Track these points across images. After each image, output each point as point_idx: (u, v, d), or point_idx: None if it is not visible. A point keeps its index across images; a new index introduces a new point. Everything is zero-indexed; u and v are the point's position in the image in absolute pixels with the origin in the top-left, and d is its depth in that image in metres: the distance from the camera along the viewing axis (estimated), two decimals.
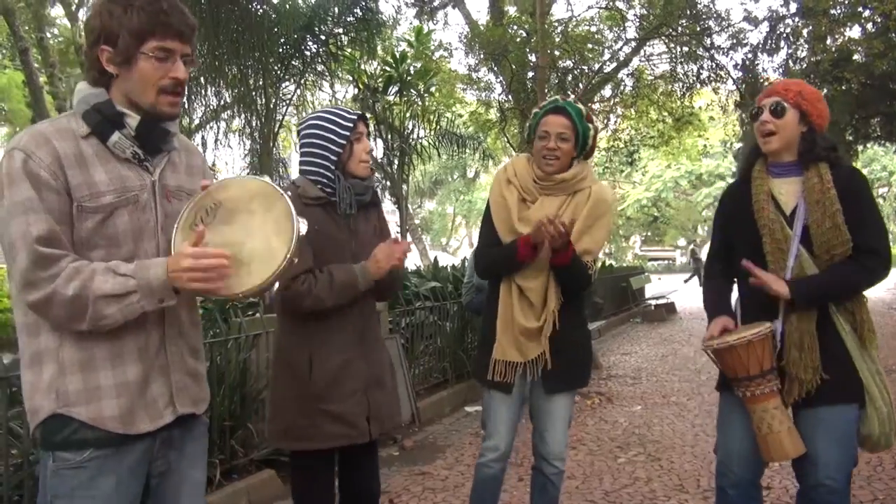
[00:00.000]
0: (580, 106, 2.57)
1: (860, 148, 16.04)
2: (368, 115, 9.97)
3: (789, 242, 2.13)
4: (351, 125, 2.28)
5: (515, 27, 14.13)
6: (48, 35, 14.92)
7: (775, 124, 2.16)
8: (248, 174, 8.47)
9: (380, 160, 10.78)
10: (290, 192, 2.41)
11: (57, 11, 17.08)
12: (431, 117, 10.71)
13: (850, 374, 2.11)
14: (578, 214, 2.49)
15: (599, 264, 16.19)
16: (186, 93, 8.06)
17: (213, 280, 1.44)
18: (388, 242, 2.31)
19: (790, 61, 12.89)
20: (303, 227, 1.52)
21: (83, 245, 1.49)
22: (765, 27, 12.84)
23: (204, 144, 9.21)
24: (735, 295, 2.39)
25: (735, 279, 2.37)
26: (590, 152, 2.62)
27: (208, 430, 3.80)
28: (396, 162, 10.13)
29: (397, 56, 11.19)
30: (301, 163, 2.36)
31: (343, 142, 2.27)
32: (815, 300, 2.11)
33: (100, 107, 1.51)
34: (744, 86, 12.84)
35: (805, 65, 12.48)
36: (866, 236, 2.10)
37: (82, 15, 15.25)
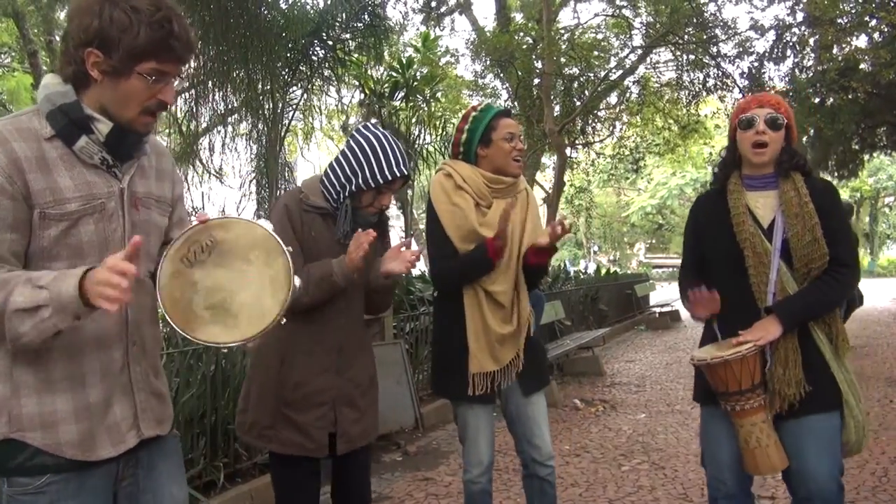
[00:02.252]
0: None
1: (866, 157, 16.00)
2: (374, 121, 10.00)
3: (769, 256, 2.16)
4: (390, 178, 2.23)
5: (522, 34, 14.17)
6: (57, 38, 15.00)
7: (770, 137, 2.18)
8: (252, 182, 8.51)
9: None
10: (288, 195, 2.41)
11: (66, 14, 17.17)
12: (437, 123, 10.71)
13: (831, 384, 2.15)
14: (524, 214, 2.60)
15: (604, 271, 16.19)
16: (194, 97, 8.07)
17: (114, 301, 1.24)
18: (357, 234, 2.21)
19: (796, 70, 12.89)
20: (297, 283, 1.48)
21: (43, 255, 1.38)
22: (771, 36, 12.85)
23: (211, 148, 9.23)
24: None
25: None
26: None
27: (212, 434, 3.81)
28: None
29: (404, 62, 11.22)
30: (334, 162, 2.31)
31: (372, 184, 2.23)
32: (802, 322, 2.15)
33: (66, 109, 1.39)
34: (750, 94, 12.82)
35: (811, 74, 12.48)
36: (840, 249, 2.15)
37: None
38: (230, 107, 8.69)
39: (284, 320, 1.47)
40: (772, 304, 2.15)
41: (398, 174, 2.24)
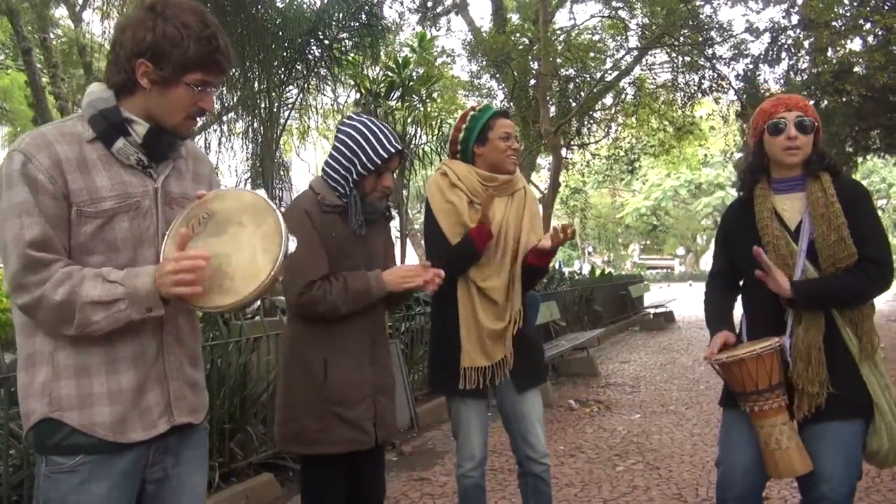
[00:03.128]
0: None
1: (860, 160, 16.08)
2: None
3: (795, 258, 2.13)
4: (387, 157, 2.26)
5: (518, 35, 14.20)
6: (51, 36, 14.95)
7: (802, 140, 2.15)
8: (247, 181, 8.49)
9: None
10: (297, 198, 2.44)
11: (60, 12, 17.12)
12: (433, 123, 10.72)
13: (858, 388, 2.10)
14: (521, 212, 2.64)
15: (598, 272, 16.23)
16: None
17: (193, 283, 1.41)
18: (417, 265, 2.35)
19: (791, 72, 12.95)
20: (292, 245, 1.49)
21: (81, 250, 1.48)
22: (766, 38, 12.90)
23: (207, 147, 9.21)
24: (739, 312, 2.38)
25: (740, 296, 2.36)
26: None
27: (208, 433, 3.81)
28: (397, 167, 10.15)
29: (400, 61, 11.20)
30: (329, 158, 2.34)
31: (371, 168, 2.25)
32: (815, 301, 2.10)
33: (106, 113, 1.51)
34: (745, 96, 12.89)
35: (806, 76, 12.54)
36: (870, 248, 2.10)
37: (86, 16, 15.30)
38: (226, 105, 8.68)
39: (282, 277, 1.49)
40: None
41: (393, 150, 2.28)
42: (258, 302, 1.58)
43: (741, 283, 2.36)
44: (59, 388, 1.47)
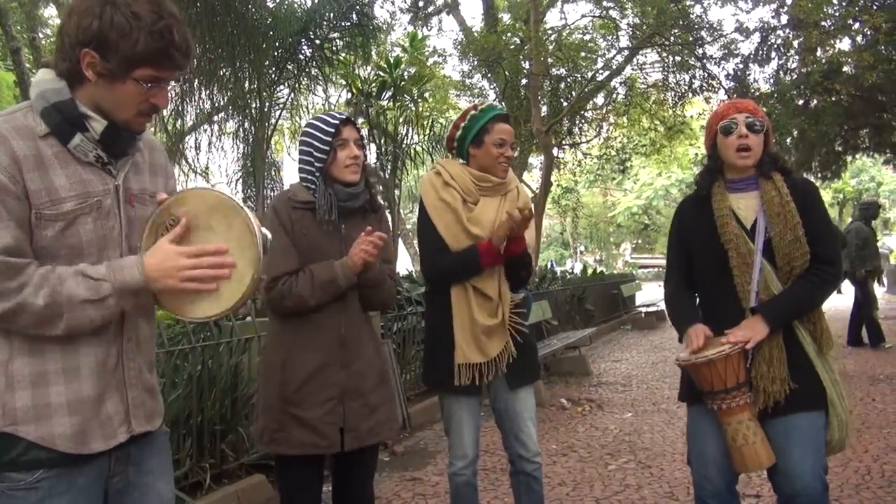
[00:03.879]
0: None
1: (849, 159, 16.20)
2: (361, 120, 9.97)
3: (753, 256, 2.19)
4: (333, 130, 2.28)
5: (509, 34, 14.20)
6: (40, 35, 14.85)
7: (752, 140, 2.22)
8: (238, 181, 8.47)
9: (373, 165, 10.79)
10: (278, 196, 2.43)
11: (49, 12, 17.01)
12: (425, 123, 10.72)
13: (815, 382, 2.17)
14: (513, 211, 2.62)
15: (590, 271, 16.27)
16: (180, 95, 7.99)
17: (209, 282, 1.38)
18: (361, 235, 2.24)
19: (781, 72, 13.04)
20: (267, 236, 1.47)
21: (43, 254, 1.38)
22: (756, 38, 12.99)
23: (197, 147, 9.18)
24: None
25: (696, 292, 2.40)
26: None
27: (198, 435, 3.78)
28: (389, 167, 10.14)
29: (391, 61, 11.19)
30: (298, 157, 2.39)
31: (326, 147, 2.28)
32: (787, 321, 2.18)
33: (60, 106, 1.38)
34: (735, 96, 12.94)
35: (795, 76, 12.62)
36: (822, 247, 2.18)
37: None
38: (216, 105, 8.64)
39: (264, 277, 1.47)
40: (757, 306, 2.17)
41: (337, 121, 2.31)
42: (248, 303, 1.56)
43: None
44: (13, 400, 1.37)
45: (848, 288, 9.20)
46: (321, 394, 2.24)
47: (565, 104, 14.00)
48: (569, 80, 14.07)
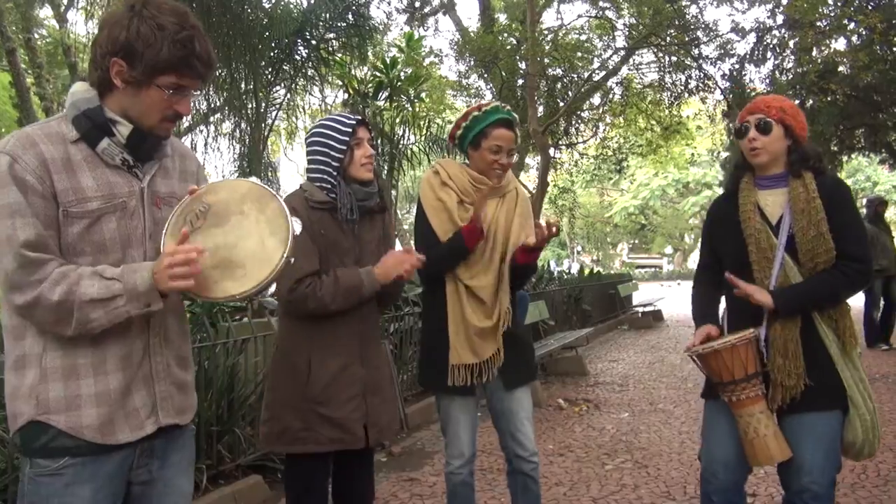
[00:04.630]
0: (514, 115, 2.67)
1: (845, 158, 16.23)
2: None
3: (775, 251, 2.18)
4: (350, 130, 2.31)
5: (506, 35, 14.21)
6: (36, 36, 14.84)
7: (762, 141, 2.22)
8: (236, 176, 8.45)
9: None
10: (292, 197, 2.44)
11: (45, 12, 16.98)
12: (421, 123, 10.70)
13: (834, 381, 2.15)
14: (511, 212, 2.64)
15: (587, 271, 16.28)
16: None
17: (187, 277, 1.41)
18: (401, 250, 2.33)
19: (777, 72, 13.06)
20: (297, 226, 1.51)
21: (70, 251, 1.47)
22: (752, 38, 13.02)
23: (193, 148, 9.16)
24: (723, 305, 2.42)
25: (723, 289, 2.40)
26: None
27: (195, 436, 3.79)
28: (386, 167, 10.13)
29: (388, 62, 11.17)
30: (307, 169, 2.40)
31: (343, 147, 2.30)
32: (798, 308, 2.15)
33: (89, 113, 1.50)
34: (731, 96, 12.98)
35: (791, 76, 12.65)
36: (849, 245, 2.15)
37: (71, 16, 15.17)
38: (213, 106, 8.63)
39: (293, 259, 1.50)
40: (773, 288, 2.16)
41: (353, 121, 2.34)
42: (272, 288, 1.58)
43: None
44: (46, 391, 1.47)
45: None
46: (346, 391, 2.28)
47: (562, 104, 14.01)
48: (565, 80, 14.08)
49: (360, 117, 2.39)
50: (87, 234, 1.47)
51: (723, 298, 2.42)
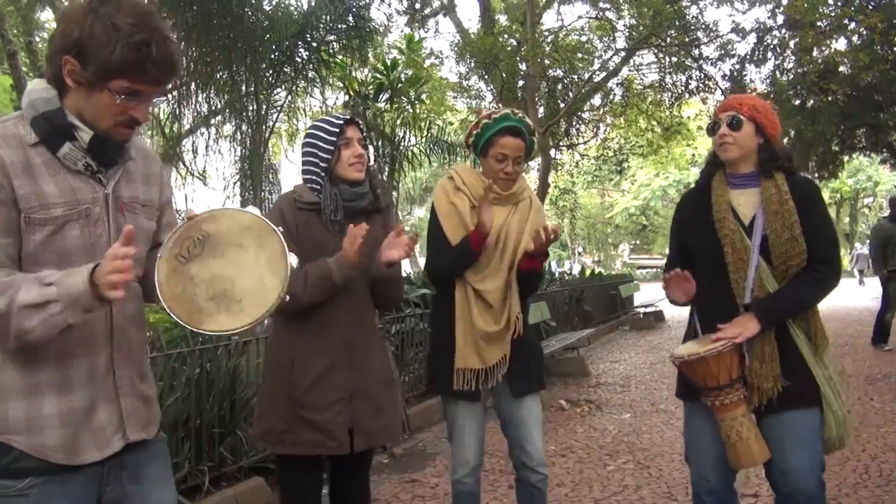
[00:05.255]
0: (528, 120, 2.63)
1: (846, 158, 16.23)
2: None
3: (749, 253, 2.19)
4: (337, 130, 2.30)
5: (506, 36, 14.23)
6: (37, 39, 14.84)
7: (733, 136, 2.23)
8: (236, 184, 8.47)
9: (371, 166, 10.70)
10: (283, 197, 2.43)
11: (46, 15, 17.00)
12: (422, 125, 10.71)
13: (809, 380, 2.18)
14: (524, 219, 2.62)
15: (588, 272, 16.27)
16: (177, 98, 8.00)
17: (116, 284, 1.28)
18: (350, 228, 2.21)
19: (777, 72, 13.06)
20: (293, 261, 1.51)
21: (31, 261, 1.39)
22: (752, 38, 13.03)
23: (195, 150, 9.18)
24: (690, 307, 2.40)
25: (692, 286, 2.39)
26: (530, 158, 2.71)
27: (197, 438, 3.78)
28: (387, 169, 10.14)
29: (388, 63, 11.19)
30: (301, 161, 2.40)
31: (330, 147, 2.30)
32: (780, 319, 2.18)
33: (49, 116, 1.40)
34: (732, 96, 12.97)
35: (792, 76, 12.65)
36: (820, 247, 2.17)
37: None
38: (214, 108, 8.64)
39: (288, 297, 1.48)
40: (750, 302, 2.18)
41: (341, 121, 2.33)
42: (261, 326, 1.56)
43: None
44: (6, 410, 1.39)
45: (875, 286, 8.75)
46: (329, 395, 2.25)
47: (562, 105, 14.02)
48: (566, 81, 14.10)
49: (349, 117, 2.38)
50: (50, 242, 1.39)
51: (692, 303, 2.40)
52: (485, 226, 2.47)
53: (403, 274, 3.13)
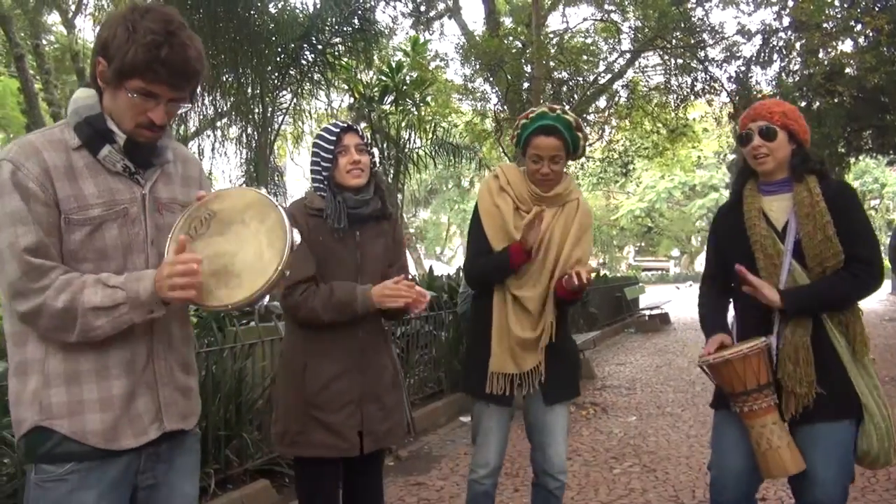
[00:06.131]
0: (569, 117, 2.52)
1: (852, 160, 16.15)
2: (364, 125, 10.00)
3: (782, 257, 2.15)
4: (334, 139, 2.32)
5: (511, 38, 14.23)
6: (44, 42, 14.93)
7: (768, 147, 2.19)
8: (243, 185, 8.49)
9: (377, 171, 10.69)
10: (289, 205, 2.45)
11: (53, 18, 17.10)
12: (427, 127, 10.73)
13: (847, 389, 2.10)
14: (569, 224, 2.55)
15: (593, 274, 16.18)
16: None
17: (187, 287, 1.41)
18: (404, 282, 2.24)
19: (783, 74, 13.02)
20: (296, 237, 1.51)
21: (72, 258, 1.47)
22: (758, 40, 12.99)
23: (200, 153, 9.21)
24: (731, 313, 2.39)
25: (731, 298, 2.37)
26: (580, 155, 2.64)
27: (203, 440, 3.78)
28: (392, 171, 10.15)
29: (393, 66, 11.20)
30: (311, 178, 2.44)
31: (329, 156, 2.32)
32: (806, 308, 2.12)
33: (91, 120, 1.50)
34: (737, 98, 12.94)
35: (798, 78, 12.61)
36: (857, 247, 2.11)
37: (79, 22, 15.27)
38: (220, 111, 8.67)
39: (288, 272, 1.49)
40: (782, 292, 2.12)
41: (338, 129, 2.35)
42: (266, 298, 1.56)
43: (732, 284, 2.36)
44: (49, 396, 1.46)
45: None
46: (341, 398, 2.28)
47: (567, 108, 14.00)
48: (571, 83, 14.08)
49: (347, 124, 2.39)
50: (88, 241, 1.47)
51: (731, 308, 2.39)
52: (527, 242, 2.42)
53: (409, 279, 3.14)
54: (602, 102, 15.45)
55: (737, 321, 2.31)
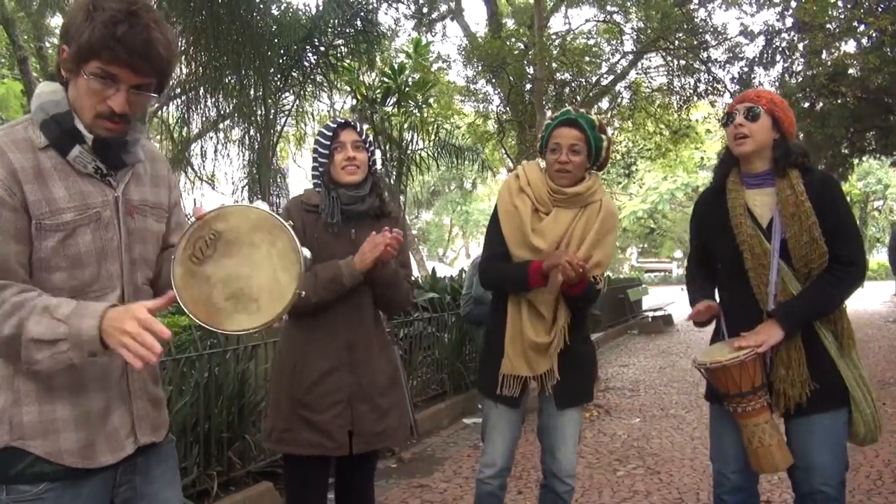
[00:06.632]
0: (593, 117, 2.56)
1: (856, 161, 16.12)
2: (367, 126, 10.01)
3: (769, 257, 2.15)
4: (331, 135, 2.36)
5: (514, 40, 14.22)
6: (47, 44, 14.94)
7: (749, 128, 2.17)
8: (244, 188, 8.49)
9: (378, 170, 10.69)
10: (293, 200, 2.47)
11: (57, 21, 17.12)
12: (430, 128, 10.71)
13: (837, 382, 2.15)
14: (590, 227, 2.50)
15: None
16: (185, 102, 8.06)
17: (138, 360, 1.25)
18: (375, 235, 2.27)
19: (786, 75, 13.00)
20: (307, 254, 1.51)
21: (42, 266, 1.37)
22: (761, 41, 12.96)
23: (203, 155, 9.22)
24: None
25: (717, 285, 2.39)
26: (603, 163, 2.61)
27: (205, 442, 3.78)
28: (394, 173, 10.14)
29: (396, 67, 11.19)
30: (311, 175, 2.48)
31: (326, 152, 2.36)
32: (802, 324, 2.14)
33: (58, 118, 1.38)
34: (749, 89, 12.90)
35: (801, 78, 12.58)
36: (841, 247, 2.12)
37: None
38: (222, 113, 8.67)
39: (304, 293, 1.49)
40: (772, 310, 2.14)
41: (335, 126, 2.38)
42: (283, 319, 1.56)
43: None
44: (20, 415, 1.38)
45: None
46: (330, 397, 2.28)
47: (583, 110, 13.98)
48: (573, 84, 14.06)
49: (344, 121, 2.42)
50: (61, 247, 1.37)
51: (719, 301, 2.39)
52: (547, 272, 2.38)
53: (412, 278, 3.11)
54: (605, 104, 15.42)
55: (725, 317, 2.31)
